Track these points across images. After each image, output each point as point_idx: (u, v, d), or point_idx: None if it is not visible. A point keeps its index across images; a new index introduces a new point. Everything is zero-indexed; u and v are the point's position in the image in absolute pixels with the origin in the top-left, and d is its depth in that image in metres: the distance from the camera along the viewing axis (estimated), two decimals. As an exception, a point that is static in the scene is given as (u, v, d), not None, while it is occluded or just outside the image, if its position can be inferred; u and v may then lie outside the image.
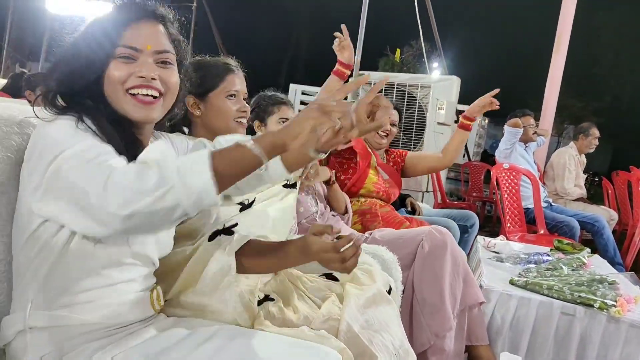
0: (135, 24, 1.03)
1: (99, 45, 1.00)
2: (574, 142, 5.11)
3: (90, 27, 1.03)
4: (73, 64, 1.01)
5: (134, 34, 1.02)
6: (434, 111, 5.28)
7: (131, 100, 1.02)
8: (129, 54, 1.02)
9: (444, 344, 1.97)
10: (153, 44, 1.04)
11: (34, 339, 0.97)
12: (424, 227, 2.20)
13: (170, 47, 1.09)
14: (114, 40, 1.00)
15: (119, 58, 1.01)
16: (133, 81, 1.01)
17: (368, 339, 1.27)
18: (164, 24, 1.09)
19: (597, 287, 2.09)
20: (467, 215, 3.20)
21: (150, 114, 1.05)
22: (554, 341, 2.05)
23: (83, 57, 1.00)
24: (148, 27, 1.05)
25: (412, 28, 7.26)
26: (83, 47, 1.01)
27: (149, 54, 1.03)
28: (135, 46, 1.02)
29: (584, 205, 4.79)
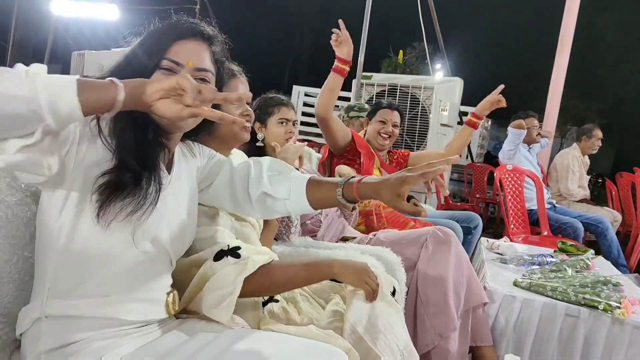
0: (182, 41, 1.10)
1: (148, 56, 1.07)
2: (577, 143, 5.10)
3: (145, 39, 1.10)
4: (125, 70, 1.06)
5: (179, 50, 1.09)
6: (436, 113, 5.29)
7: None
8: (170, 67, 1.07)
9: (448, 345, 1.96)
10: (194, 61, 1.10)
11: (48, 328, 0.99)
12: (428, 228, 2.20)
13: (211, 67, 1.15)
14: (161, 53, 1.07)
15: (161, 69, 1.07)
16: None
17: (372, 340, 1.27)
18: (209, 44, 1.16)
19: (601, 289, 2.08)
20: (470, 217, 3.19)
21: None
22: (558, 343, 2.04)
23: (134, 65, 1.07)
24: (194, 45, 1.12)
25: (415, 29, 7.26)
26: (134, 56, 1.08)
27: (189, 69, 1.09)
28: (177, 61, 1.08)
29: (588, 207, 4.79)
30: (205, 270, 1.23)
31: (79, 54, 8.53)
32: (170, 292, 1.16)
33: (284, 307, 1.40)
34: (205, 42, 1.14)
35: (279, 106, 2.09)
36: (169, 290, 1.16)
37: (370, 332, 1.30)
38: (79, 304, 0.99)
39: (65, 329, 0.99)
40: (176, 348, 1.02)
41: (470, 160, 7.80)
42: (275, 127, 2.08)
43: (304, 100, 8.33)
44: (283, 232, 1.97)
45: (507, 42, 25.61)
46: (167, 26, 1.12)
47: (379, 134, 2.85)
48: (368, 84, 5.59)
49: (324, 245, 1.93)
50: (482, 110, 2.71)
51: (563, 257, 2.62)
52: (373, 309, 1.41)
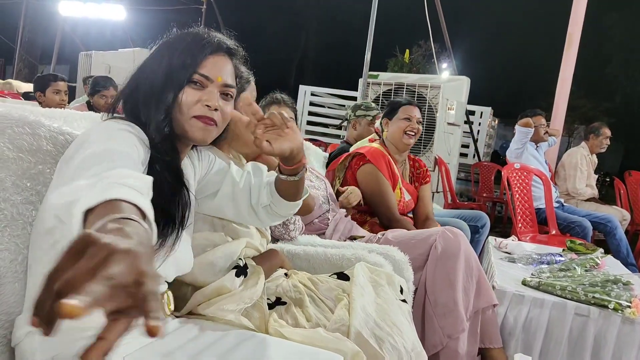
0: (212, 56, 1.11)
1: (179, 69, 1.07)
2: (585, 141, 5.06)
3: (173, 49, 1.10)
4: (155, 82, 1.07)
5: (210, 65, 1.10)
6: (443, 111, 5.27)
7: (197, 122, 1.09)
8: (201, 82, 1.09)
9: (457, 346, 1.95)
10: (223, 77, 1.11)
11: (43, 341, 0.96)
12: (437, 228, 2.18)
13: (234, 82, 1.16)
14: (193, 67, 1.08)
15: (192, 83, 1.08)
16: (200, 109, 1.08)
17: (378, 343, 1.27)
18: (233, 60, 1.17)
19: (611, 288, 2.06)
20: (478, 216, 3.18)
21: (207, 136, 1.11)
22: (568, 343, 2.02)
23: (163, 76, 1.07)
24: (222, 61, 1.13)
25: (421, 28, 7.24)
26: (163, 66, 1.08)
27: (216, 85, 1.11)
28: (209, 76, 1.09)
29: (596, 206, 4.75)
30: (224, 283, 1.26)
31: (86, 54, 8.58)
32: (164, 292, 1.15)
33: (292, 311, 1.39)
34: (229, 57, 1.16)
35: (271, 105, 2.09)
36: (164, 291, 1.15)
37: (376, 334, 1.30)
38: None
39: (60, 340, 0.96)
40: (180, 347, 1.02)
41: (477, 159, 7.77)
42: None
43: (310, 99, 8.33)
44: (283, 233, 1.95)
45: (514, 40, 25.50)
46: (196, 39, 1.12)
47: (405, 133, 2.65)
48: (374, 83, 5.58)
49: (331, 244, 1.93)
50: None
51: (572, 256, 2.59)
52: (381, 310, 1.40)
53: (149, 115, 1.06)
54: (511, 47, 25.53)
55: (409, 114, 2.66)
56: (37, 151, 1.15)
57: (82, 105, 4.32)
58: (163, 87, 1.06)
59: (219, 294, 1.28)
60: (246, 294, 1.29)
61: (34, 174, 1.14)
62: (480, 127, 8.49)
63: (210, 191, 1.30)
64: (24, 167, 1.12)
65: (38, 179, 1.14)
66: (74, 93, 8.01)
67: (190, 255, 1.20)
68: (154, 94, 1.07)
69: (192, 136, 1.09)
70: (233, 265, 1.39)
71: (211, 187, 1.30)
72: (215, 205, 1.31)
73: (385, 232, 2.29)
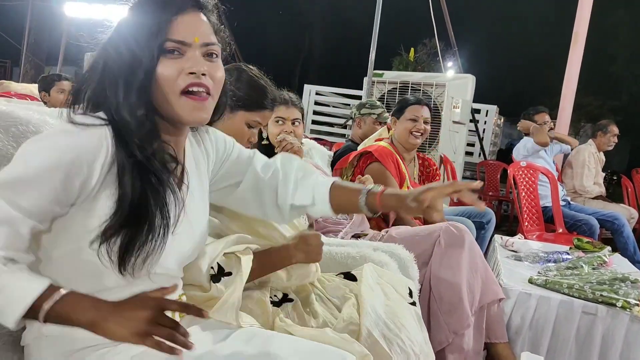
0: (180, 15, 0.94)
1: (146, 40, 0.91)
2: (592, 139, 5.03)
3: (130, 21, 0.94)
4: (117, 63, 0.92)
5: (181, 27, 0.93)
6: (449, 110, 5.25)
7: (187, 101, 0.95)
8: (176, 48, 0.93)
9: (463, 342, 1.94)
10: (201, 36, 0.95)
11: (48, 347, 0.96)
12: (441, 224, 2.17)
13: (215, 39, 1.00)
14: (160, 34, 0.91)
15: (166, 53, 0.93)
16: (184, 79, 0.94)
17: (387, 344, 1.26)
18: (206, 13, 1.01)
19: (619, 286, 2.05)
20: (483, 212, 3.16)
21: (203, 115, 0.98)
22: (575, 341, 2.01)
23: (128, 54, 0.91)
24: (193, 17, 0.96)
25: (426, 27, 7.22)
26: (126, 43, 0.92)
27: (196, 46, 0.95)
28: (183, 40, 0.93)
29: (604, 204, 4.72)
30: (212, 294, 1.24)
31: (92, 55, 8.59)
32: (180, 297, 1.12)
33: (299, 309, 1.38)
34: (201, 10, 0.99)
35: (277, 105, 2.08)
36: (179, 295, 1.12)
37: (385, 335, 1.29)
38: None
39: (68, 344, 0.95)
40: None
41: (483, 158, 7.74)
42: (272, 126, 2.08)
43: (315, 99, 8.32)
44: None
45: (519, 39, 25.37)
46: (155, 1, 0.94)
47: (411, 133, 2.63)
48: (379, 82, 5.57)
49: (336, 242, 1.92)
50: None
51: (579, 254, 2.58)
52: (390, 312, 1.39)
53: (117, 102, 0.91)
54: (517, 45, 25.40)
55: (416, 114, 2.64)
56: (42, 149, 1.15)
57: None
58: (130, 65, 0.91)
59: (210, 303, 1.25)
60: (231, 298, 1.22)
61: (39, 172, 1.14)
62: (486, 125, 8.47)
63: (233, 181, 1.21)
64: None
65: (43, 176, 1.14)
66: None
67: (194, 244, 1.11)
68: (120, 75, 0.91)
69: (185, 118, 0.96)
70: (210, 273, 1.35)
71: (232, 176, 1.21)
72: (239, 198, 1.22)
73: (389, 230, 2.29)
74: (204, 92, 0.96)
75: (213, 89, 0.98)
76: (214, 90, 0.99)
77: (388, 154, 2.60)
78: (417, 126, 2.62)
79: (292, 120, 2.07)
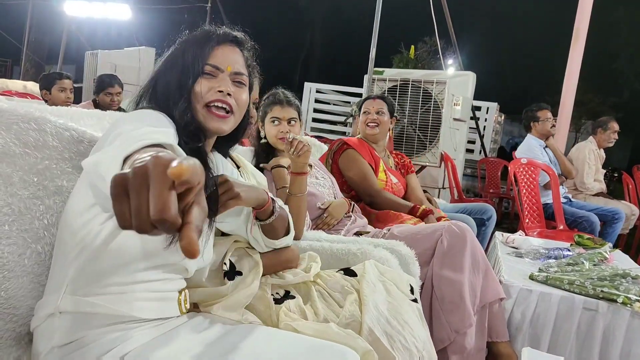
0: (220, 47, 1.18)
1: (191, 62, 1.14)
2: (592, 136, 5.02)
3: (184, 45, 1.18)
4: (172, 77, 1.15)
5: (219, 56, 1.17)
6: (449, 107, 5.24)
7: (207, 113, 1.15)
8: (212, 72, 1.15)
9: (464, 341, 1.94)
10: (233, 66, 1.18)
11: (62, 324, 0.99)
12: (443, 222, 2.17)
13: (245, 71, 1.22)
14: (203, 59, 1.15)
15: (204, 74, 1.15)
16: (212, 95, 1.14)
17: (389, 341, 1.26)
18: (241, 49, 1.24)
19: (620, 282, 2.05)
20: (483, 208, 3.17)
21: (222, 126, 1.16)
22: (576, 337, 2.01)
23: (178, 71, 1.14)
24: (230, 50, 1.20)
25: (426, 24, 7.21)
26: (178, 61, 1.15)
27: (228, 73, 1.17)
28: (218, 66, 1.16)
29: (605, 201, 4.71)
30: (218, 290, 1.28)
31: (92, 53, 8.60)
32: (183, 290, 1.16)
33: (300, 307, 1.39)
34: (238, 47, 1.22)
35: (272, 105, 2.09)
36: (182, 288, 1.16)
37: (387, 333, 1.29)
38: (94, 301, 1.00)
39: (79, 325, 0.99)
40: (187, 342, 1.02)
41: (484, 155, 7.74)
42: (268, 126, 2.09)
43: (316, 96, 8.33)
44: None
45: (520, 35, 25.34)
46: (204, 33, 1.19)
47: (366, 125, 2.87)
48: (380, 80, 5.56)
49: (337, 239, 1.92)
50: None
51: (580, 251, 2.58)
52: (392, 308, 1.39)
53: (171, 105, 1.12)
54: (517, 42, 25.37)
55: (367, 108, 2.91)
56: (44, 147, 1.16)
57: (88, 104, 4.33)
58: (180, 80, 1.13)
59: (215, 299, 1.27)
60: (241, 294, 1.27)
61: (41, 169, 1.15)
62: (487, 122, 8.47)
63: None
64: (30, 162, 1.13)
65: (45, 174, 1.15)
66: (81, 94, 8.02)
67: (210, 250, 1.22)
68: (173, 87, 1.14)
69: (207, 125, 1.14)
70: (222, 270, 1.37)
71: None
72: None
73: (391, 227, 2.29)
74: (226, 110, 1.16)
75: (236, 109, 1.18)
76: (236, 110, 1.18)
77: (360, 142, 2.84)
78: (369, 117, 2.88)
79: (287, 119, 2.07)
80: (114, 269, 1.01)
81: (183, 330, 1.08)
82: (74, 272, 1.01)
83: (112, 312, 1.00)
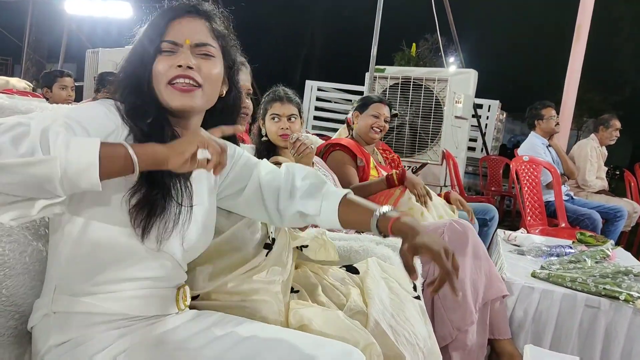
0: (177, 20, 1.10)
1: (149, 43, 1.08)
2: (594, 134, 5.01)
3: (145, 28, 1.12)
4: (132, 62, 1.10)
5: (175, 30, 1.09)
6: (451, 105, 5.24)
7: (171, 90, 1.07)
8: (170, 48, 1.08)
9: (466, 338, 1.94)
10: (192, 38, 1.09)
11: (57, 323, 0.99)
12: (445, 220, 2.17)
13: (212, 41, 1.13)
14: (159, 37, 1.08)
15: (163, 52, 1.08)
16: (172, 72, 1.07)
17: (394, 336, 1.26)
18: (207, 20, 1.14)
19: (622, 279, 2.04)
20: (486, 209, 3.17)
21: (189, 101, 1.08)
22: (578, 334, 2.01)
23: (138, 55, 1.10)
24: (189, 22, 1.11)
25: (428, 22, 7.19)
26: (137, 47, 1.11)
27: (187, 47, 1.09)
28: (175, 40, 1.08)
29: (607, 198, 4.70)
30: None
31: (93, 51, 8.60)
32: (182, 286, 1.15)
33: (304, 299, 1.39)
34: (201, 18, 1.13)
35: (272, 102, 2.09)
36: (180, 284, 1.15)
37: (392, 327, 1.29)
38: (86, 300, 0.99)
39: (73, 324, 0.99)
40: (186, 340, 1.02)
41: (486, 153, 7.73)
42: (269, 123, 2.10)
43: (317, 95, 8.32)
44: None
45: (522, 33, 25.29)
46: (161, 10, 1.13)
47: (372, 128, 2.78)
48: (381, 77, 5.56)
49: (339, 237, 1.92)
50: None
51: (582, 248, 2.57)
52: (395, 305, 1.39)
53: (131, 93, 1.08)
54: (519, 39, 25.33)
55: (378, 112, 2.80)
56: (45, 144, 1.15)
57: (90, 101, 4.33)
58: (139, 64, 1.09)
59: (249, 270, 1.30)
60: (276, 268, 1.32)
61: (42, 167, 1.14)
62: (488, 120, 8.45)
63: (239, 186, 1.25)
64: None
65: (46, 171, 1.14)
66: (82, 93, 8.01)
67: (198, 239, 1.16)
68: (133, 73, 1.09)
69: (172, 104, 1.08)
70: (263, 241, 1.39)
71: (238, 183, 1.25)
72: (244, 202, 1.26)
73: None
74: (190, 83, 1.08)
75: (203, 82, 1.10)
76: (204, 82, 1.10)
77: (349, 142, 2.76)
78: (379, 123, 2.79)
79: (287, 116, 2.08)
80: (100, 268, 1.00)
81: (181, 328, 1.07)
82: (60, 270, 1.01)
83: (104, 310, 1.00)
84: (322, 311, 1.26)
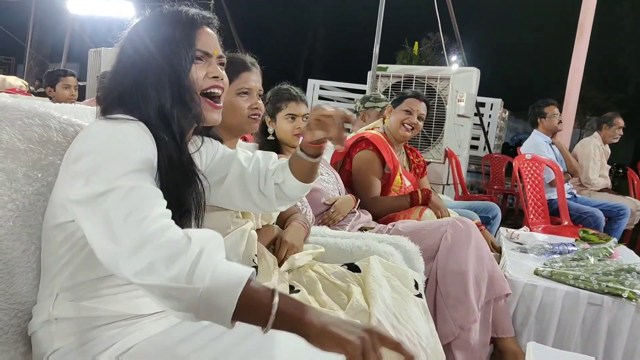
0: (201, 29, 1.11)
1: (182, 49, 1.05)
2: (597, 132, 5.00)
3: (159, 32, 1.06)
4: (155, 68, 1.04)
5: (203, 40, 1.10)
6: (453, 103, 5.23)
7: (205, 103, 1.11)
8: (202, 57, 1.10)
9: (469, 337, 1.94)
10: (217, 49, 1.13)
11: (59, 329, 0.99)
12: (448, 218, 2.17)
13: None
14: (191, 45, 1.07)
15: (196, 61, 1.09)
16: (208, 82, 1.10)
17: (397, 336, 1.26)
18: (217, 32, 1.17)
19: (625, 277, 2.04)
20: (488, 207, 3.16)
21: (218, 117, 1.15)
22: (581, 332, 2.01)
23: (164, 61, 1.04)
24: (210, 33, 1.13)
25: (430, 20, 7.19)
26: (162, 51, 1.05)
27: (215, 57, 1.12)
28: (207, 50, 1.10)
29: (610, 196, 4.69)
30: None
31: (95, 51, 8.60)
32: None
33: (305, 299, 1.39)
34: (215, 29, 1.16)
35: (287, 101, 2.07)
36: None
37: (395, 326, 1.29)
38: (89, 304, 0.99)
39: (77, 327, 0.99)
40: (181, 342, 1.01)
41: (488, 151, 7.71)
42: (283, 122, 2.07)
43: (319, 93, 8.31)
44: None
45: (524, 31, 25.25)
46: (184, 17, 1.09)
47: (403, 124, 2.64)
48: (383, 76, 5.55)
49: (341, 235, 1.92)
50: None
51: (585, 246, 2.57)
52: (397, 303, 1.39)
53: (154, 105, 1.03)
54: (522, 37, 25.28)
55: (411, 107, 2.66)
56: (48, 142, 1.15)
57: (92, 101, 4.34)
58: (170, 72, 1.04)
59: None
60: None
61: (45, 165, 1.14)
62: (491, 119, 8.43)
63: (217, 177, 1.28)
64: (34, 158, 1.13)
65: (49, 170, 1.15)
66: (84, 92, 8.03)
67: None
68: (160, 81, 1.03)
69: (206, 119, 1.11)
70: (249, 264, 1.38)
71: (217, 173, 1.28)
72: (224, 192, 1.29)
73: (396, 223, 2.29)
74: (219, 96, 1.13)
75: (223, 94, 1.16)
76: (223, 93, 1.16)
77: (381, 142, 2.63)
78: (410, 119, 2.64)
79: (302, 115, 2.07)
80: (103, 273, 0.99)
81: (185, 323, 1.07)
82: (63, 276, 1.00)
83: (107, 313, 1.00)
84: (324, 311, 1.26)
